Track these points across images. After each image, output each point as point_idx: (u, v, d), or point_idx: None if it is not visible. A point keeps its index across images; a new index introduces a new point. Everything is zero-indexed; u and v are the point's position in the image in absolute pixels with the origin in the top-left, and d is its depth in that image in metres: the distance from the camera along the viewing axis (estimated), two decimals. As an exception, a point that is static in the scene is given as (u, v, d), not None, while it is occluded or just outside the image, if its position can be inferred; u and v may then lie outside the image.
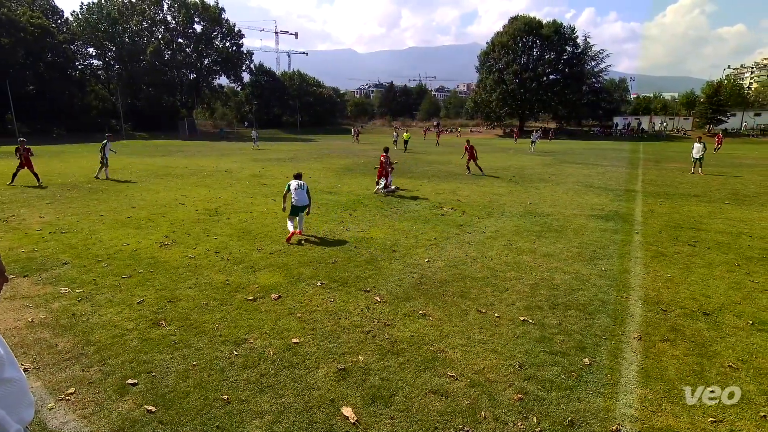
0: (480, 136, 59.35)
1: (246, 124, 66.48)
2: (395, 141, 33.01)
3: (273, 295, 5.41)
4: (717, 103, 54.02)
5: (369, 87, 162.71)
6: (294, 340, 4.33)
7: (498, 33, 63.49)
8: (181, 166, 20.59)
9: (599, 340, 4.40)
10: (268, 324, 4.68)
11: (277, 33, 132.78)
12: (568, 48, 61.62)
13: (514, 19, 63.00)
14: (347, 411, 3.30)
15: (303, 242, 7.73)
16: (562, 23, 61.01)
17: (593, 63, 65.08)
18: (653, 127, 59.01)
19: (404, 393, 3.54)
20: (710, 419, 3.24)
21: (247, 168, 19.94)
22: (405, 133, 33.52)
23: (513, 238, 8.14)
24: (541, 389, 3.59)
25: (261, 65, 74.62)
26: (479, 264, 6.66)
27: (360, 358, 4.04)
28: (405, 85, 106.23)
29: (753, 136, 51.91)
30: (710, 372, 3.84)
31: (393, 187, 13.29)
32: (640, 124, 59.28)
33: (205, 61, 65.03)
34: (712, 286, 5.80)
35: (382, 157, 13.26)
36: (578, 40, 61.84)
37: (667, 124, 59.80)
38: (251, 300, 5.28)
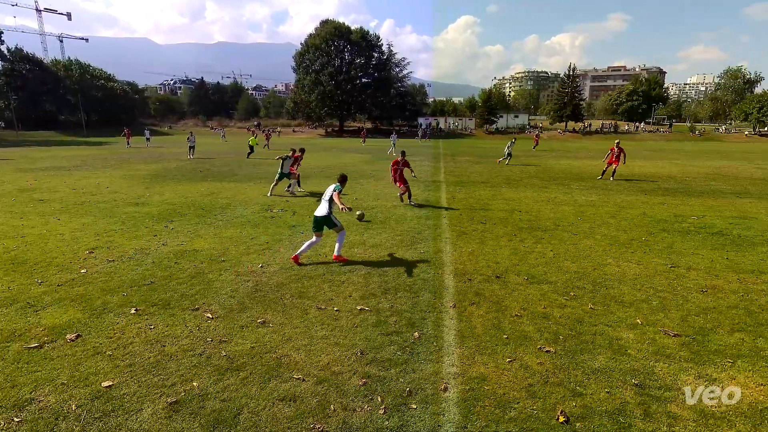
0: (303, 136, 59.87)
1: (2, 124, 51.51)
2: (191, 147, 26.38)
3: (68, 336, 4.38)
4: (490, 107, 67.43)
5: (175, 82, 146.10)
6: (105, 384, 3.61)
7: (311, 35, 64.98)
8: None
9: (424, 314, 5.00)
10: (65, 372, 3.77)
11: (39, 10, 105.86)
12: (376, 54, 67.28)
13: (325, 23, 65.40)
14: (185, 447, 2.93)
15: (341, 264, 6.72)
16: (368, 31, 66.22)
17: (397, 69, 72.63)
18: (448, 127, 69.61)
19: (250, 409, 3.35)
20: (508, 360, 4.06)
21: (10, 180, 15.53)
22: (252, 138, 29.95)
23: (344, 233, 8.50)
24: (382, 369, 3.89)
25: (19, 49, 58.96)
26: (314, 262, 6.75)
27: (195, 384, 3.63)
28: (218, 82, 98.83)
29: (514, 133, 66.44)
30: (504, 322, 4.80)
31: (291, 189, 13.38)
32: (438, 123, 69.12)
33: None
34: (500, 254, 7.23)
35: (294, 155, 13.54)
36: (383, 48, 68.19)
37: (458, 124, 71.35)
38: (36, 347, 4.17)
